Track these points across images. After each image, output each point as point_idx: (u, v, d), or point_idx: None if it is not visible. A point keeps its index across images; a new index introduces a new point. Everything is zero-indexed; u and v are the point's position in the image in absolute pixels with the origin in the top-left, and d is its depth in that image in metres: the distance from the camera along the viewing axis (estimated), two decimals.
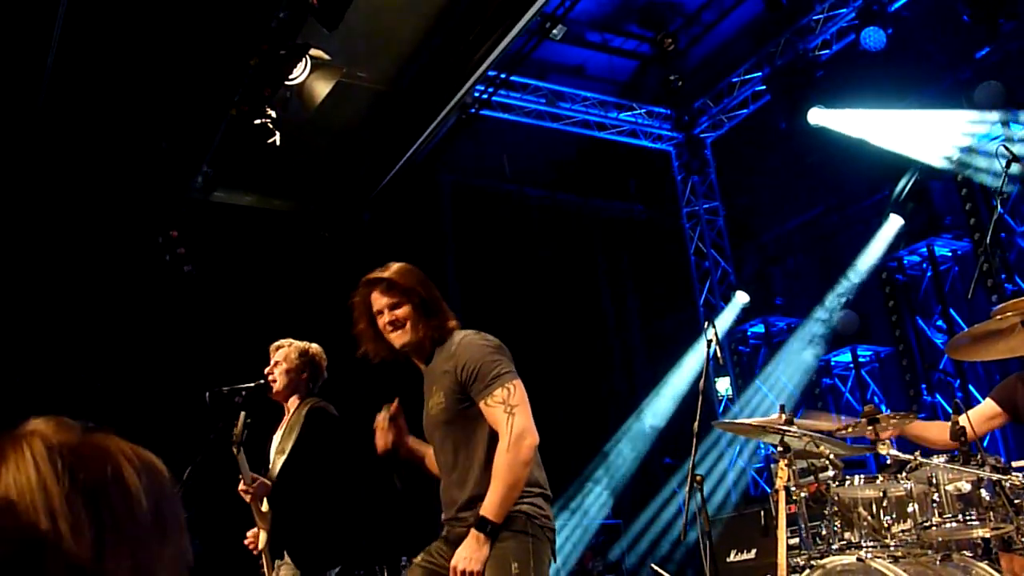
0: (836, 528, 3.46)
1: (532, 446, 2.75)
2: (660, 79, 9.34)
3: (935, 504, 3.24)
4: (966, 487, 3.19)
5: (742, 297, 9.43)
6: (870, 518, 3.42)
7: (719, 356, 3.83)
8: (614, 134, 9.94)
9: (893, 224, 8.06)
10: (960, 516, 3.18)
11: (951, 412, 3.37)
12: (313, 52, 6.05)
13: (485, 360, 2.82)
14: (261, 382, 3.86)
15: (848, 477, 3.55)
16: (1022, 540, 3.11)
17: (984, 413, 3.89)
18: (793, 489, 3.58)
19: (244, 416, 3.57)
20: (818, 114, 8.10)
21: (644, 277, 11.05)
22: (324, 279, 7.97)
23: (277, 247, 8.29)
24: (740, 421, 3.96)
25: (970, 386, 7.45)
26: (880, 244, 8.16)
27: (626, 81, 9.90)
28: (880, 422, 3.53)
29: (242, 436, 3.54)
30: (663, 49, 8.79)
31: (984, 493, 3.14)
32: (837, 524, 3.46)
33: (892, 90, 7.66)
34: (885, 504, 3.41)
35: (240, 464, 3.61)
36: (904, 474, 3.36)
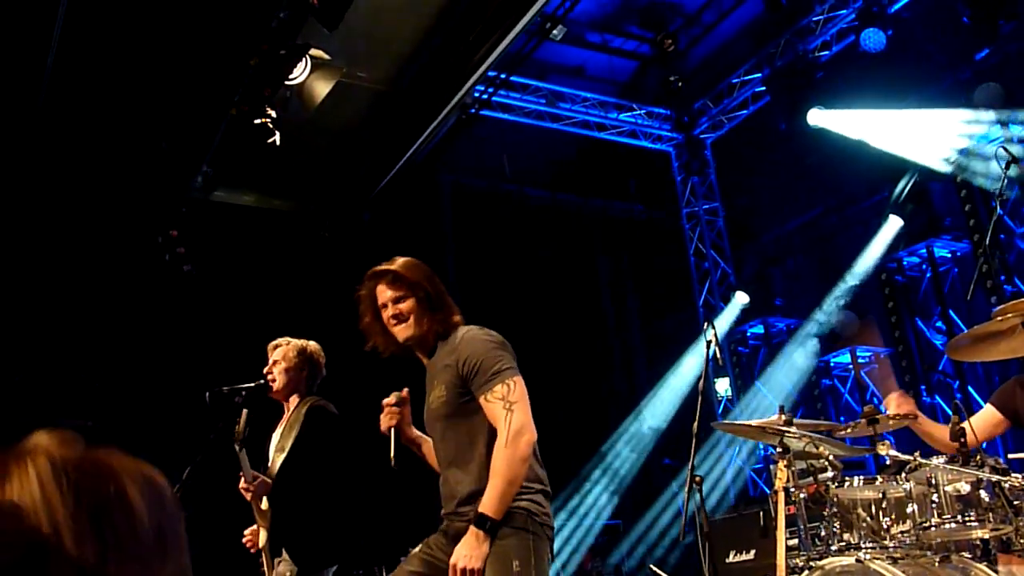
0: (835, 529, 3.46)
1: (530, 443, 2.75)
2: (660, 80, 9.34)
3: (934, 505, 3.24)
4: (965, 488, 3.20)
5: (742, 298, 9.42)
6: (869, 519, 3.42)
7: (719, 357, 3.83)
8: (614, 135, 9.94)
9: (893, 225, 8.06)
10: (959, 517, 3.18)
11: (951, 413, 3.38)
12: (313, 52, 6.06)
13: (487, 355, 2.83)
14: (261, 382, 3.86)
15: (847, 478, 3.55)
16: (1021, 541, 3.11)
17: (985, 420, 3.89)
18: (792, 490, 3.59)
19: (246, 414, 3.57)
20: (818, 115, 8.10)
21: (644, 277, 11.05)
22: (324, 279, 7.98)
23: (277, 247, 8.29)
24: (739, 422, 3.96)
25: (970, 387, 7.45)
26: (880, 245, 8.16)
27: (626, 82, 9.90)
28: (879, 423, 3.53)
29: (244, 434, 3.54)
30: (663, 50, 8.79)
31: (983, 494, 3.15)
32: (836, 525, 3.47)
33: (892, 91, 7.65)
34: (884, 505, 3.41)
35: (241, 462, 3.61)
36: (903, 475, 3.37)
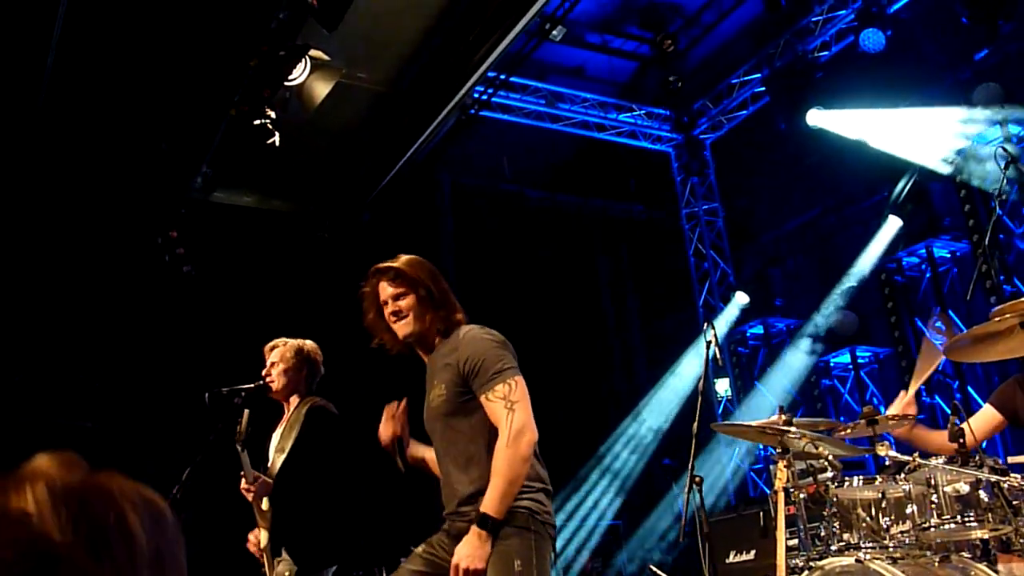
0: (835, 529, 3.47)
1: (531, 442, 2.75)
2: (660, 80, 9.34)
3: (934, 505, 3.24)
4: (965, 488, 3.20)
5: (742, 298, 9.42)
6: (869, 519, 3.43)
7: (718, 357, 3.83)
8: (614, 135, 9.94)
9: (892, 225, 8.06)
10: (959, 517, 3.18)
11: (950, 413, 3.38)
12: (313, 53, 6.06)
13: (488, 355, 2.83)
14: (260, 383, 3.87)
15: (847, 478, 3.56)
16: (1020, 541, 3.11)
17: (984, 419, 3.90)
18: (792, 490, 3.59)
19: (248, 414, 3.57)
20: (817, 115, 8.09)
21: (644, 278, 11.05)
22: (324, 280, 7.98)
23: (277, 248, 8.28)
24: (739, 423, 3.96)
25: (969, 387, 7.45)
26: (879, 245, 8.16)
27: (626, 82, 9.90)
28: (879, 423, 3.54)
29: (245, 434, 3.55)
30: (663, 50, 8.79)
31: (983, 494, 3.15)
32: (836, 525, 3.47)
33: (891, 92, 7.65)
34: (884, 505, 3.42)
35: (243, 462, 3.61)
36: (903, 475, 3.37)
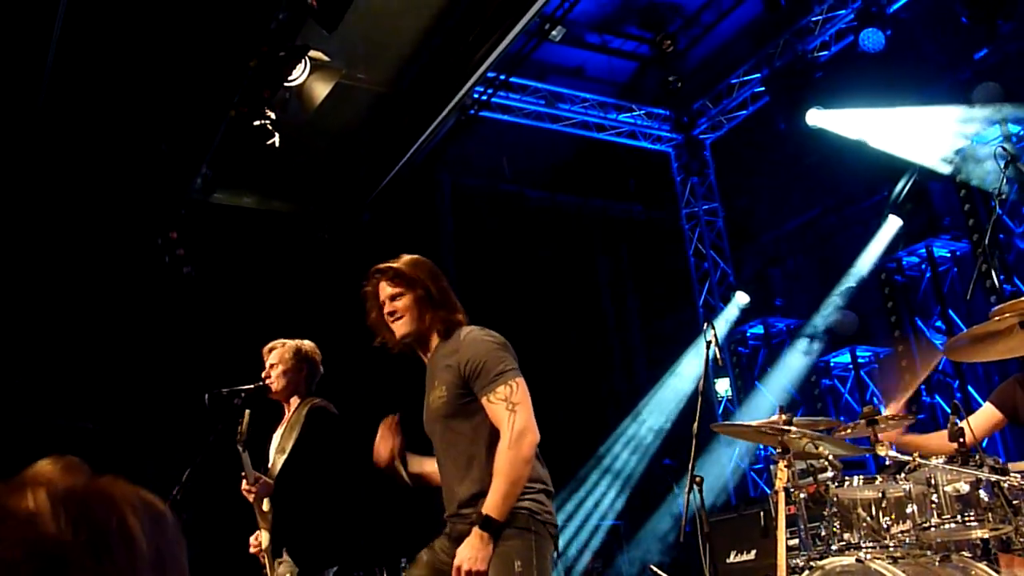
0: (835, 529, 3.47)
1: (533, 444, 2.75)
2: (659, 80, 9.34)
3: (934, 505, 3.25)
4: (965, 488, 3.20)
5: (742, 298, 9.42)
6: (869, 519, 3.43)
7: (718, 357, 3.83)
8: (613, 135, 9.94)
9: (892, 225, 8.06)
10: (959, 517, 3.18)
11: (950, 413, 3.38)
12: (312, 53, 6.06)
13: (490, 356, 2.83)
14: (260, 384, 3.87)
15: (847, 478, 3.56)
16: (1021, 541, 3.12)
17: (985, 418, 3.90)
18: (792, 490, 3.60)
19: (249, 414, 3.57)
20: (817, 115, 8.10)
21: (644, 278, 11.05)
22: (324, 280, 7.98)
23: (277, 248, 8.28)
24: (739, 423, 3.96)
25: (969, 387, 7.45)
26: (879, 245, 8.16)
27: (625, 82, 9.89)
28: (879, 423, 3.54)
29: (246, 434, 3.55)
30: (662, 50, 8.79)
31: (983, 494, 3.15)
32: (836, 525, 3.47)
33: (891, 91, 7.65)
34: (884, 505, 3.42)
35: (244, 463, 3.61)
36: (903, 475, 3.37)
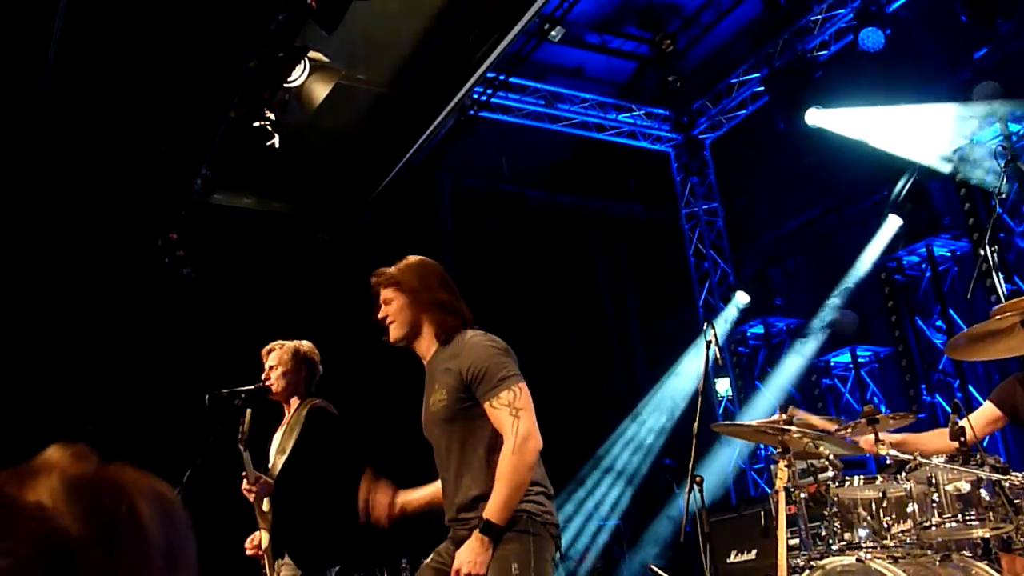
0: (836, 529, 3.47)
1: (536, 449, 2.75)
2: (659, 80, 9.34)
3: (935, 504, 3.24)
4: (966, 487, 3.20)
5: (743, 298, 9.42)
6: (870, 518, 3.43)
7: (719, 357, 3.82)
8: (613, 135, 9.94)
9: (892, 224, 8.05)
10: (960, 516, 3.18)
11: (951, 412, 3.38)
12: (312, 54, 6.06)
13: (492, 361, 2.82)
14: (260, 385, 3.87)
15: (848, 478, 3.56)
16: (1022, 540, 3.11)
17: (984, 416, 3.90)
18: (793, 490, 3.59)
19: (250, 413, 3.57)
20: (816, 115, 8.09)
21: (644, 278, 11.05)
22: (324, 281, 7.98)
23: (277, 249, 8.28)
24: (739, 423, 3.96)
25: (970, 386, 7.45)
26: (879, 245, 8.16)
27: (625, 82, 9.90)
28: (879, 423, 3.53)
29: (247, 434, 3.55)
30: (662, 50, 8.79)
31: (984, 493, 3.15)
32: (837, 525, 3.47)
33: (891, 91, 7.64)
34: (885, 504, 3.42)
35: (245, 462, 3.61)
36: (904, 474, 3.37)
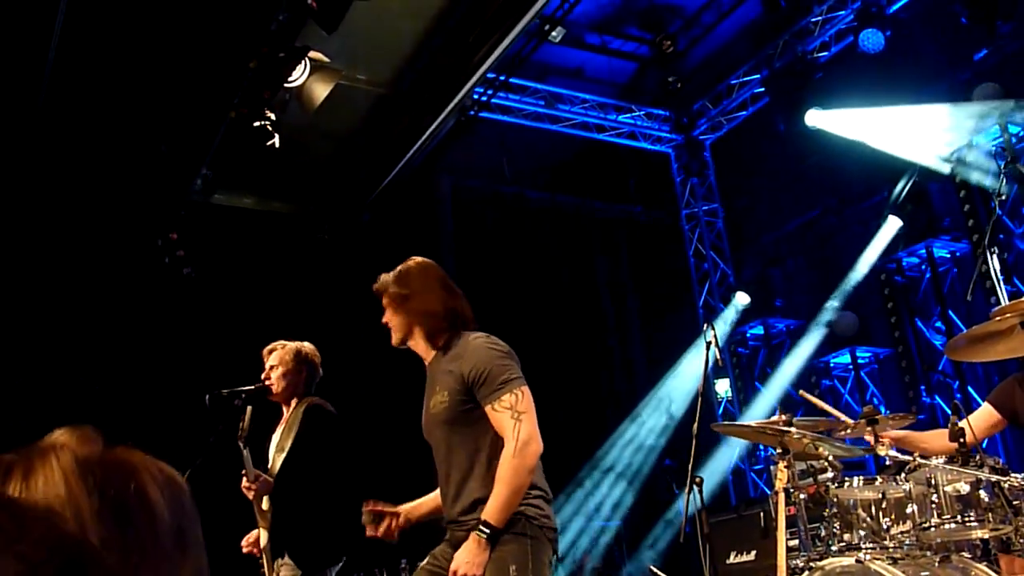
0: (835, 530, 3.47)
1: (537, 453, 2.76)
2: (659, 81, 9.34)
3: (934, 505, 3.24)
4: (965, 488, 3.20)
5: (743, 298, 9.41)
6: (869, 519, 3.43)
7: (718, 358, 3.82)
8: (613, 136, 9.94)
9: (892, 226, 8.05)
10: (959, 517, 3.18)
11: (950, 413, 3.38)
12: (312, 54, 6.06)
13: (494, 364, 2.83)
14: (260, 385, 3.87)
15: (847, 479, 3.56)
16: (1021, 541, 3.11)
17: (983, 418, 3.89)
18: (792, 491, 3.59)
19: (251, 411, 3.58)
20: (816, 116, 8.09)
21: (644, 278, 11.05)
22: (324, 281, 7.98)
23: (277, 249, 8.29)
24: (739, 424, 3.97)
25: (969, 387, 7.45)
26: (879, 246, 8.16)
27: (625, 83, 9.90)
28: (879, 423, 3.54)
29: (247, 432, 3.55)
30: (662, 51, 8.79)
31: (983, 494, 3.15)
32: (836, 526, 3.47)
33: (891, 92, 7.64)
34: (884, 506, 3.42)
35: (244, 460, 3.61)
36: (903, 475, 3.37)
